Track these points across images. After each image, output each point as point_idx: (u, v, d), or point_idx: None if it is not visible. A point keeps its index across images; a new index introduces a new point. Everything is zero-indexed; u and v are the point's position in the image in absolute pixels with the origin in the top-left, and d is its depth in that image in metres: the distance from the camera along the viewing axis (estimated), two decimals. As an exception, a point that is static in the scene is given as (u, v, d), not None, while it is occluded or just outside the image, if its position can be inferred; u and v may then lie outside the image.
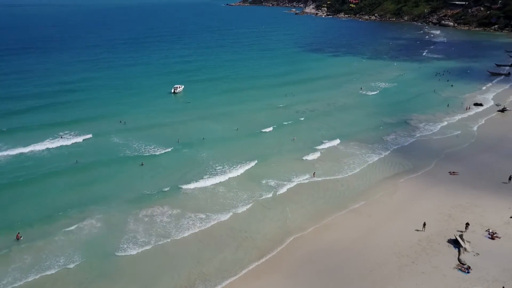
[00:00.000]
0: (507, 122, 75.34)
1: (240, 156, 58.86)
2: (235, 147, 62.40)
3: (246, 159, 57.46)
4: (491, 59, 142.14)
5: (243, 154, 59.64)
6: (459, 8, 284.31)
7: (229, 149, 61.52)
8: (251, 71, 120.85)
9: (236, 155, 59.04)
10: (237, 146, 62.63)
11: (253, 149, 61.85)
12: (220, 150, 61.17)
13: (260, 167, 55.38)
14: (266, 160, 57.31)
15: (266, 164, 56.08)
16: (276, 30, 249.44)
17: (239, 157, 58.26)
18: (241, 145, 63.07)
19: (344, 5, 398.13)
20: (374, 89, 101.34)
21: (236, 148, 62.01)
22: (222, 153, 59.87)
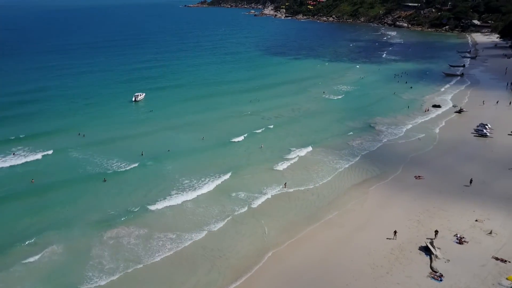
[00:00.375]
0: (464, 123, 77.96)
1: (209, 168, 57.35)
2: (202, 158, 60.78)
3: (215, 172, 56.01)
4: (445, 60, 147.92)
5: (212, 166, 58.18)
6: (412, 9, 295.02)
7: (196, 161, 59.84)
8: (215, 76, 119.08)
9: (204, 168, 57.48)
10: (205, 158, 61.04)
11: (222, 160, 60.52)
12: (186, 162, 59.38)
13: (230, 179, 54.08)
14: (236, 171, 56.06)
15: (237, 176, 54.86)
16: (237, 33, 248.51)
17: (207, 170, 56.73)
18: (209, 156, 61.54)
19: (303, 7, 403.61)
20: (337, 93, 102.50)
21: (203, 159, 60.43)
22: (189, 166, 58.11)
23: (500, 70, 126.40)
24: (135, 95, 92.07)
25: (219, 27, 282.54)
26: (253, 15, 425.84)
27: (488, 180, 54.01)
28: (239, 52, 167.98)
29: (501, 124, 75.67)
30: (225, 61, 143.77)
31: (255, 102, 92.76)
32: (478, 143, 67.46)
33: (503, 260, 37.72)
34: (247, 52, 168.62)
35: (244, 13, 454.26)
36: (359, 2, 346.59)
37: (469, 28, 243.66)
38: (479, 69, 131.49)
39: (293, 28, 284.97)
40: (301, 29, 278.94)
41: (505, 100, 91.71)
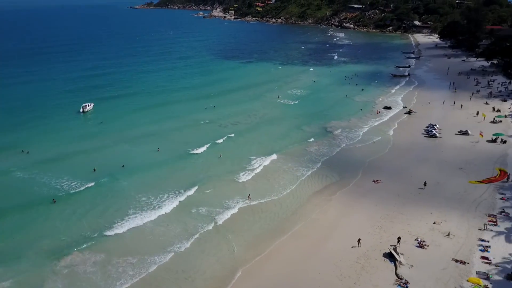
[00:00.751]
0: (414, 124, 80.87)
1: (167, 183, 55.25)
2: (160, 173, 58.51)
3: (174, 187, 54.01)
4: (391, 61, 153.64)
5: (170, 180, 56.12)
6: (357, 11, 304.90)
7: (153, 176, 57.50)
8: (167, 83, 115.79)
9: (163, 183, 55.30)
10: (162, 172, 58.80)
11: (180, 173, 58.59)
12: (143, 178, 56.89)
13: (191, 194, 52.27)
14: (197, 185, 54.30)
15: (198, 191, 53.15)
16: (187, 36, 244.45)
17: (166, 185, 54.60)
18: (167, 170, 59.36)
19: (251, 8, 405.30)
20: (292, 97, 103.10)
21: (161, 174, 58.18)
22: (146, 182, 55.70)
23: (442, 70, 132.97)
24: (83, 105, 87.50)
25: (168, 30, 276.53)
26: (202, 17, 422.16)
27: (441, 180, 56.05)
28: (191, 56, 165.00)
29: (448, 124, 79.24)
30: (177, 67, 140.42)
31: (210, 109, 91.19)
32: (429, 144, 70.07)
33: (462, 261, 38.99)
34: (199, 56, 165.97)
35: (193, 15, 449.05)
36: (306, 4, 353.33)
37: (411, 29, 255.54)
38: (423, 69, 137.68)
39: (243, 30, 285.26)
40: (251, 31, 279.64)
41: (450, 100, 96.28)
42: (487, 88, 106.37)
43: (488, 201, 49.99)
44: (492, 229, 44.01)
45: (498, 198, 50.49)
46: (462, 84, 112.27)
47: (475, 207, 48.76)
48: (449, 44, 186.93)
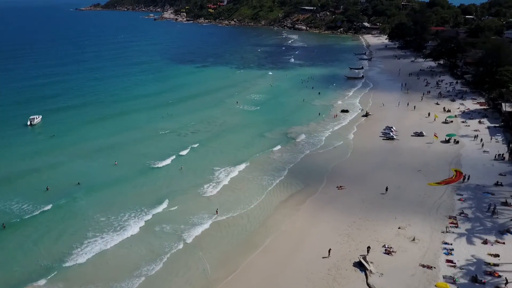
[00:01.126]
0: (372, 127, 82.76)
1: (128, 200, 52.80)
2: (118, 189, 55.82)
3: (136, 204, 51.66)
4: (345, 63, 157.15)
5: (131, 197, 53.67)
6: (309, 13, 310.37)
7: (112, 193, 54.77)
8: (121, 91, 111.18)
9: (123, 200, 52.79)
10: (121, 188, 56.14)
11: (141, 189, 56.23)
12: (101, 196, 54.06)
13: (155, 212, 50.10)
14: (160, 201, 52.20)
15: (162, 207, 51.05)
16: (139, 39, 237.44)
17: (126, 203, 52.14)
18: (126, 187, 56.73)
19: (203, 10, 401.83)
20: (250, 103, 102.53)
21: (120, 190, 55.53)
22: (105, 200, 52.95)
23: (394, 71, 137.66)
24: (30, 118, 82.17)
25: (118, 33, 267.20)
26: (153, 19, 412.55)
27: (402, 184, 57.45)
28: (144, 61, 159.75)
29: (404, 126, 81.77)
30: (130, 73, 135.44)
31: (168, 117, 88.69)
32: (387, 147, 71.81)
33: (429, 266, 39.91)
34: (152, 61, 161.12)
35: (143, 17, 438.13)
36: (258, 5, 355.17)
37: (361, 30, 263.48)
38: (376, 70, 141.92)
39: (196, 33, 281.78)
40: (205, 33, 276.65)
41: (403, 101, 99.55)
42: (436, 89, 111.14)
43: (447, 203, 51.74)
44: (454, 231, 45.50)
45: (456, 199, 52.39)
46: (413, 85, 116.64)
47: (436, 209, 50.30)
48: (398, 45, 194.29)
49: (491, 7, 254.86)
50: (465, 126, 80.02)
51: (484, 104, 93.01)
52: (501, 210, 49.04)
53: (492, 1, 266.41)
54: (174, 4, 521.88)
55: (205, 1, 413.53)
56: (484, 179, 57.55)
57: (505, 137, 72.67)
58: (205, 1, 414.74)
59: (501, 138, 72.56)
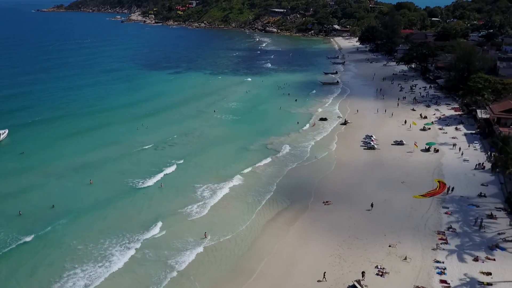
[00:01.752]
0: (352, 135, 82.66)
1: (107, 225, 50.05)
2: (98, 213, 52.90)
3: (117, 229, 48.92)
4: (318, 68, 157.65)
5: (110, 221, 50.93)
6: (279, 15, 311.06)
7: (90, 217, 51.81)
8: (93, 102, 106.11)
9: (102, 225, 50.01)
10: (100, 212, 53.23)
11: (123, 212, 53.48)
12: (78, 220, 51.03)
13: (140, 238, 47.42)
14: (145, 226, 49.56)
15: (145, 233, 48.37)
16: (107, 44, 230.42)
17: (107, 228, 49.37)
18: (105, 209, 53.85)
19: (172, 12, 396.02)
20: (228, 112, 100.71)
21: (99, 214, 52.64)
22: (82, 225, 50.01)
23: (367, 75, 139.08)
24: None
25: (85, 37, 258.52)
26: (120, 21, 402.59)
27: (387, 197, 57.19)
28: (115, 68, 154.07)
29: (383, 134, 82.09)
30: (100, 82, 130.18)
31: (144, 130, 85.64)
32: (369, 157, 71.69)
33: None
34: (123, 68, 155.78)
35: (110, 19, 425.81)
36: (228, 8, 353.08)
37: (332, 32, 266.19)
38: (350, 75, 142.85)
39: (166, 36, 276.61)
40: (175, 36, 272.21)
41: (380, 107, 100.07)
42: (410, 94, 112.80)
43: (434, 217, 51.77)
44: (444, 247, 45.37)
45: (443, 213, 52.52)
46: (388, 90, 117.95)
47: (424, 224, 50.19)
48: (369, 48, 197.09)
49: (455, 10, 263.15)
50: (442, 133, 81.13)
51: (459, 109, 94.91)
52: (487, 223, 49.41)
53: (456, 4, 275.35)
54: (141, 5, 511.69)
55: (174, 3, 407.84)
56: (468, 189, 58.12)
57: (482, 144, 74.07)
58: (173, 3, 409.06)
59: (478, 145, 73.89)
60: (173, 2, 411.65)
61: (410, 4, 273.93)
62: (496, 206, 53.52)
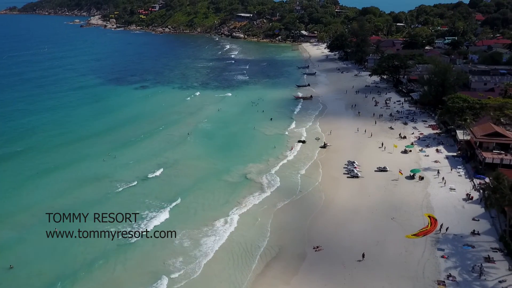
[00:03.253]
0: (333, 161, 79.43)
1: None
2: (64, 275, 46.85)
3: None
4: (290, 79, 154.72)
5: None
6: (246, 20, 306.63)
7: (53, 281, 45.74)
8: (55, 129, 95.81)
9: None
10: (68, 273, 47.21)
11: (97, 276, 47.60)
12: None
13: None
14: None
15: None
16: (67, 53, 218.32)
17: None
18: (76, 271, 47.83)
19: (134, 16, 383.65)
20: (201, 134, 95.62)
21: (66, 276, 46.62)
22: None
23: (340, 87, 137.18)
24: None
25: (42, 45, 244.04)
26: (79, 26, 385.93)
27: (379, 238, 54.14)
28: (78, 86, 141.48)
29: (365, 158, 79.43)
30: (62, 104, 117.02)
31: (111, 160, 79.33)
32: (354, 187, 68.66)
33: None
34: (87, 85, 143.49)
35: (68, 23, 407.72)
36: (193, 12, 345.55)
37: (299, 38, 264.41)
38: (322, 88, 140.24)
39: (130, 43, 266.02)
40: (140, 44, 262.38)
41: (357, 125, 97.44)
42: (386, 109, 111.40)
43: (431, 262, 49.08)
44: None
45: (439, 256, 49.93)
46: (362, 105, 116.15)
47: (422, 272, 47.37)
48: (338, 56, 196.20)
49: (419, 15, 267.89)
50: (424, 156, 79.40)
51: (436, 127, 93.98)
52: (486, 269, 47.14)
53: (419, 9, 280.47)
54: (101, 8, 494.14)
55: (135, 6, 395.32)
56: (460, 226, 56.00)
57: (466, 169, 72.73)
58: (135, 6, 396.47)
59: (462, 170, 72.43)
60: (135, 5, 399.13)
61: (375, 9, 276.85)
62: (491, 246, 51.57)
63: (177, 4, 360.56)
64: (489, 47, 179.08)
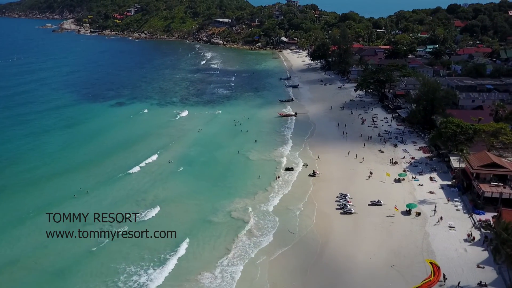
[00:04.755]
0: (324, 192, 74.79)
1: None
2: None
3: None
4: (273, 92, 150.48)
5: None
6: (224, 25, 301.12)
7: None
8: (21, 163, 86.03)
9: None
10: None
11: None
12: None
13: None
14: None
15: None
16: (38, 63, 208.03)
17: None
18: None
19: (109, 20, 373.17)
20: (182, 160, 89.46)
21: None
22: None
23: (324, 102, 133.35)
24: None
25: (11, 54, 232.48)
26: (51, 30, 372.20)
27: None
28: (50, 106, 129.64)
29: (357, 188, 75.25)
30: (32, 131, 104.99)
31: (82, 196, 72.82)
32: (348, 226, 64.20)
33: None
34: (60, 104, 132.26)
35: (39, 27, 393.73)
36: (170, 17, 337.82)
37: (280, 45, 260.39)
38: (306, 102, 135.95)
39: (105, 51, 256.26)
40: (115, 52, 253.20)
41: (346, 148, 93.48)
42: (374, 128, 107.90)
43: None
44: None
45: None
46: (349, 123, 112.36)
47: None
48: (320, 65, 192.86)
49: (399, 21, 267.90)
50: (418, 186, 75.70)
51: (427, 150, 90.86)
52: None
53: (399, 15, 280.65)
54: (74, 11, 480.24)
55: (110, 10, 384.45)
56: (464, 275, 52.15)
57: (463, 202, 69.39)
58: (109, 10, 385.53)
59: (459, 203, 68.96)
60: (110, 9, 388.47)
61: (355, 15, 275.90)
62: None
63: (153, 9, 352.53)
64: (470, 56, 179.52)
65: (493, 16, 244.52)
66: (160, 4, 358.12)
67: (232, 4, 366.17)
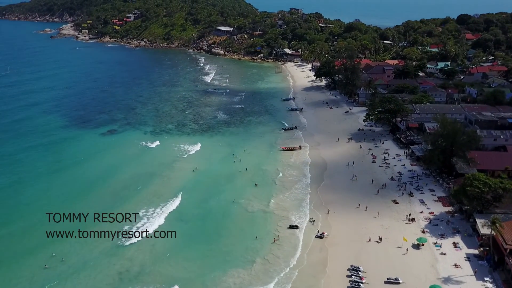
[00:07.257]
0: (334, 262, 65.70)
1: None
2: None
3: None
4: (276, 117, 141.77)
5: None
6: (226, 34, 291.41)
7: None
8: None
9: None
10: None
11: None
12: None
13: None
14: None
15: None
16: (30, 75, 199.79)
17: None
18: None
19: (108, 26, 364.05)
20: (173, 214, 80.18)
21: None
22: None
23: (331, 132, 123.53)
24: None
25: (5, 64, 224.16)
26: (49, 36, 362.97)
27: None
28: (31, 126, 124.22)
29: (372, 259, 65.90)
30: (11, 169, 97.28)
31: (54, 267, 63.89)
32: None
33: None
34: (45, 130, 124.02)
35: (37, 32, 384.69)
36: (170, 24, 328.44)
37: (282, 57, 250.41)
38: (311, 132, 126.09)
39: (102, 62, 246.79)
40: (112, 63, 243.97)
41: (356, 197, 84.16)
42: (386, 168, 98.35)
43: None
44: None
45: None
46: (358, 160, 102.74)
47: None
48: (325, 83, 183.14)
49: (406, 32, 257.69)
50: (440, 255, 66.19)
51: (447, 203, 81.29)
52: None
53: (406, 25, 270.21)
54: (74, 14, 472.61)
55: (110, 15, 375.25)
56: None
57: (495, 281, 59.91)
58: (109, 15, 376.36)
59: (491, 284, 59.45)
60: (109, 14, 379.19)
61: (360, 25, 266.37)
62: None
63: (153, 15, 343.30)
64: (485, 75, 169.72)
65: (506, 28, 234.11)
66: (160, 10, 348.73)
67: (234, 10, 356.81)
